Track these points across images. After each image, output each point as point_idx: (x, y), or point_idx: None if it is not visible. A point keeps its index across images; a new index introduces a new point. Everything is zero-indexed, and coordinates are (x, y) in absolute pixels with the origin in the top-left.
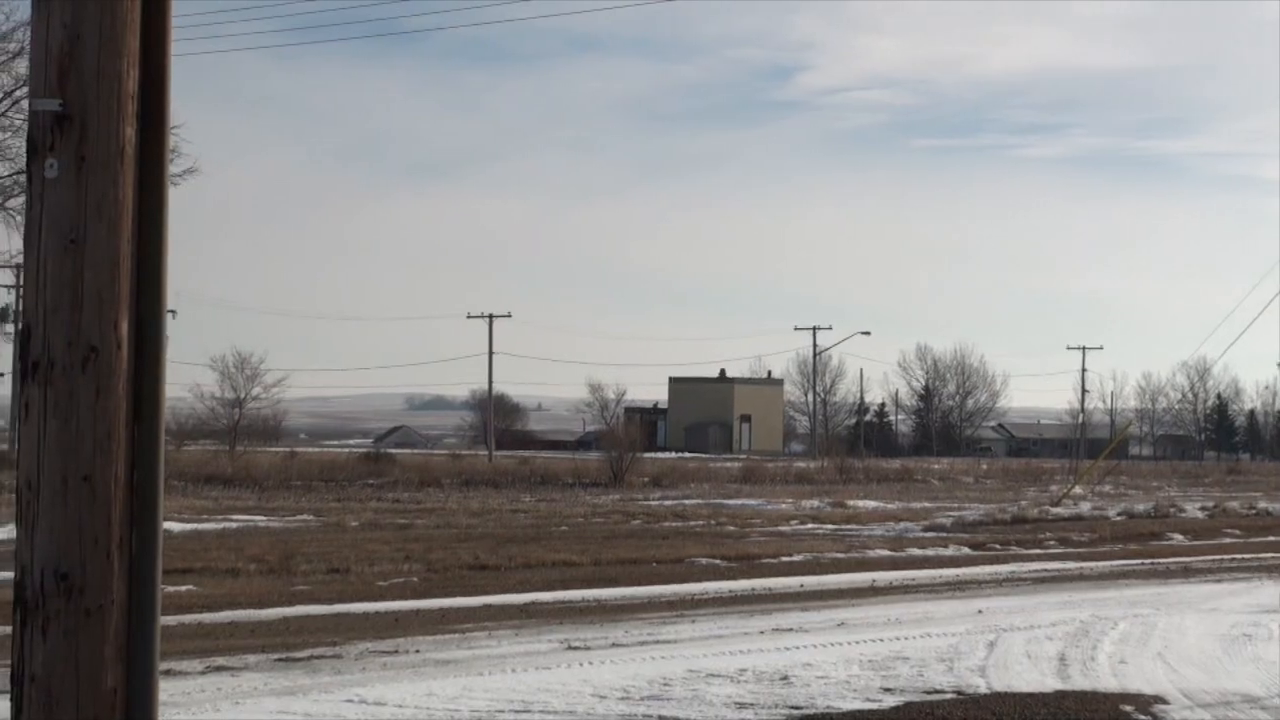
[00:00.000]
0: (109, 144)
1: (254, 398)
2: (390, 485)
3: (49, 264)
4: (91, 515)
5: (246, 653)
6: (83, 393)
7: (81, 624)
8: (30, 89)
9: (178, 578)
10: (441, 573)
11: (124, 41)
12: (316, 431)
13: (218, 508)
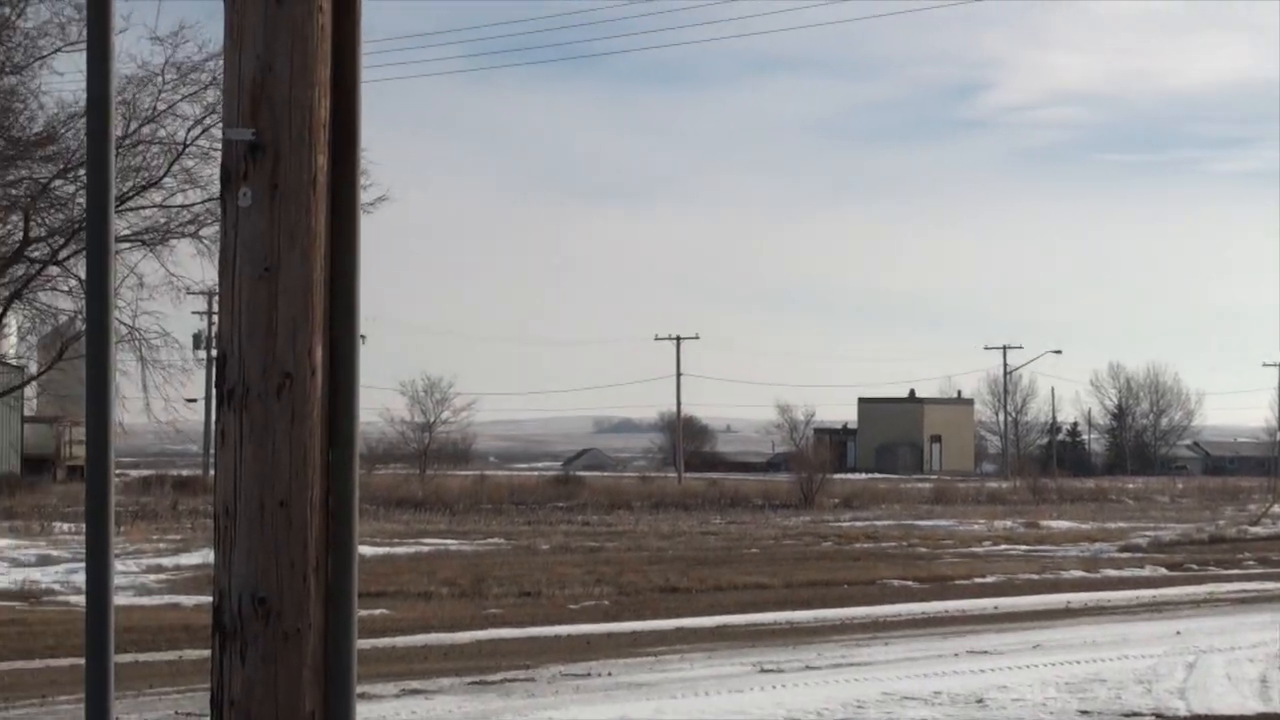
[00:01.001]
0: (301, 173)
1: (444, 422)
2: (580, 508)
3: (243, 292)
4: (288, 540)
5: (440, 676)
6: (278, 419)
7: (279, 648)
8: (224, 119)
9: (371, 601)
10: (632, 595)
11: (315, 71)
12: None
13: (409, 531)
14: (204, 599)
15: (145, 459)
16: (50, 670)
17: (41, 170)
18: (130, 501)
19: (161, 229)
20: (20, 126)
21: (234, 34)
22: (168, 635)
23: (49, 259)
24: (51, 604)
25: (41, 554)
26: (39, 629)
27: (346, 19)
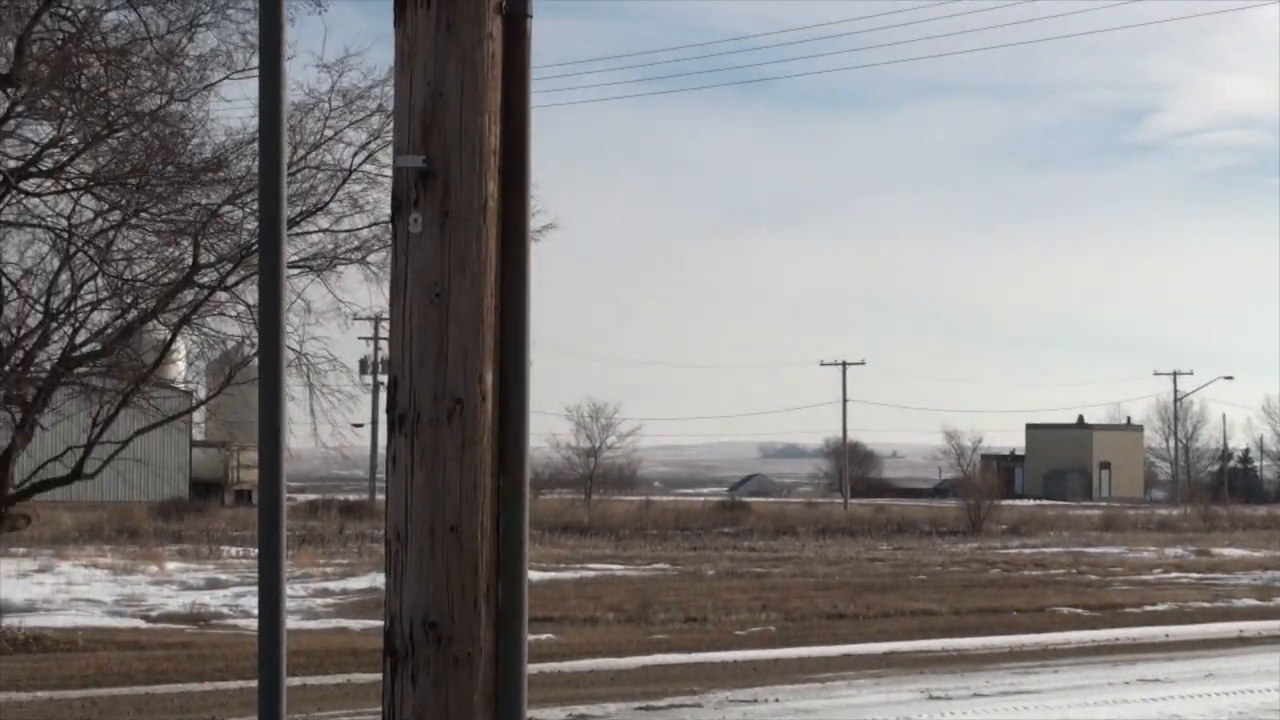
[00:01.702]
0: (472, 199)
1: (609, 447)
2: (745, 533)
3: (414, 318)
4: (459, 565)
5: (607, 701)
6: (448, 444)
7: (450, 672)
8: (395, 146)
9: (537, 626)
10: (799, 621)
11: (486, 98)
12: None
13: (575, 556)
14: (371, 623)
15: (311, 484)
16: (220, 693)
17: (210, 196)
18: (298, 526)
19: (328, 255)
20: (189, 153)
21: (405, 61)
22: (336, 659)
23: (217, 284)
24: (220, 627)
25: (210, 577)
26: (208, 652)
27: (516, 45)
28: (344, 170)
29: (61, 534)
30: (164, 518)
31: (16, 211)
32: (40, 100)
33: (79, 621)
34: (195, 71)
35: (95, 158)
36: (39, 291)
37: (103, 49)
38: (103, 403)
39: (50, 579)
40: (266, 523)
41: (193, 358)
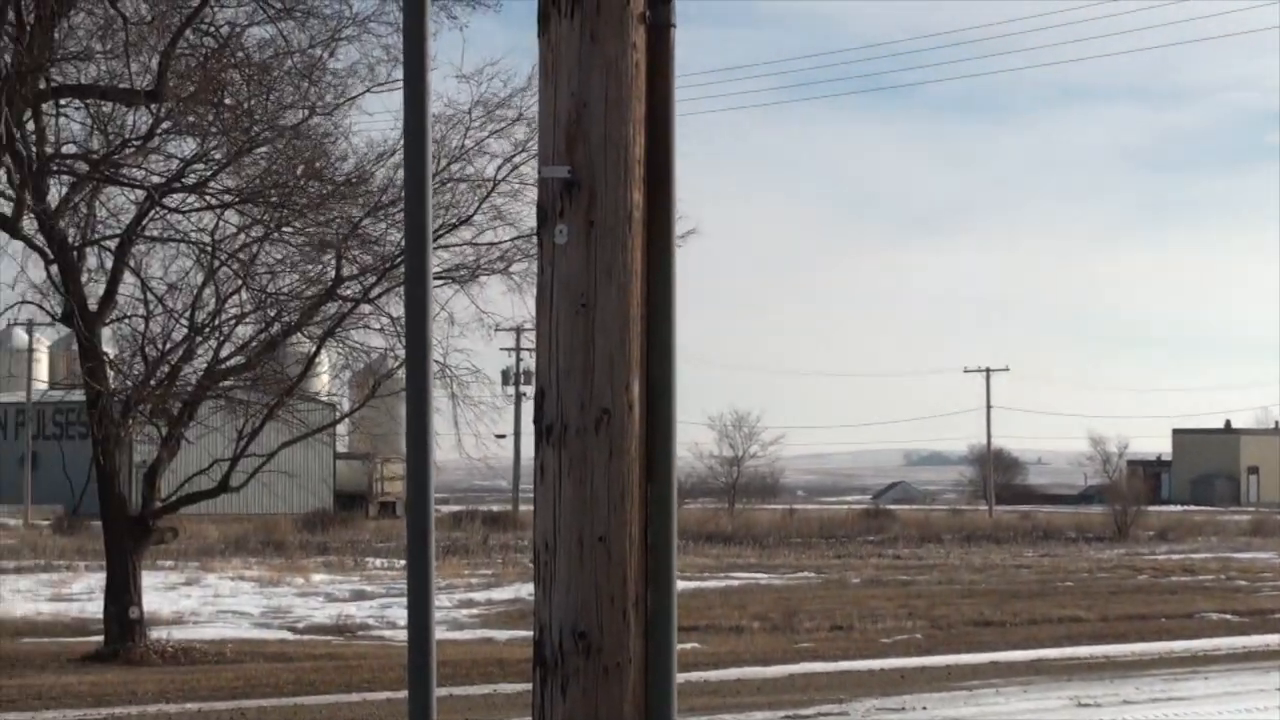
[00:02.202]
0: (617, 209)
1: (752, 456)
2: (890, 541)
3: (561, 328)
4: (608, 575)
5: (753, 710)
6: (596, 454)
7: (600, 682)
8: (540, 157)
9: (683, 635)
10: (945, 629)
11: (630, 108)
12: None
13: (719, 565)
14: (517, 633)
15: (455, 495)
16: (367, 704)
17: (353, 209)
18: (442, 537)
19: (471, 266)
20: (331, 167)
21: (548, 72)
22: (482, 669)
23: (361, 297)
24: (366, 638)
25: (356, 589)
26: (355, 663)
27: (660, 54)
28: (487, 182)
29: (208, 547)
30: (309, 530)
31: (161, 227)
32: (184, 116)
33: (226, 633)
34: (337, 85)
35: (238, 173)
36: (184, 306)
37: (245, 64)
38: (248, 416)
39: (197, 591)
40: (415, 534)
41: (336, 370)
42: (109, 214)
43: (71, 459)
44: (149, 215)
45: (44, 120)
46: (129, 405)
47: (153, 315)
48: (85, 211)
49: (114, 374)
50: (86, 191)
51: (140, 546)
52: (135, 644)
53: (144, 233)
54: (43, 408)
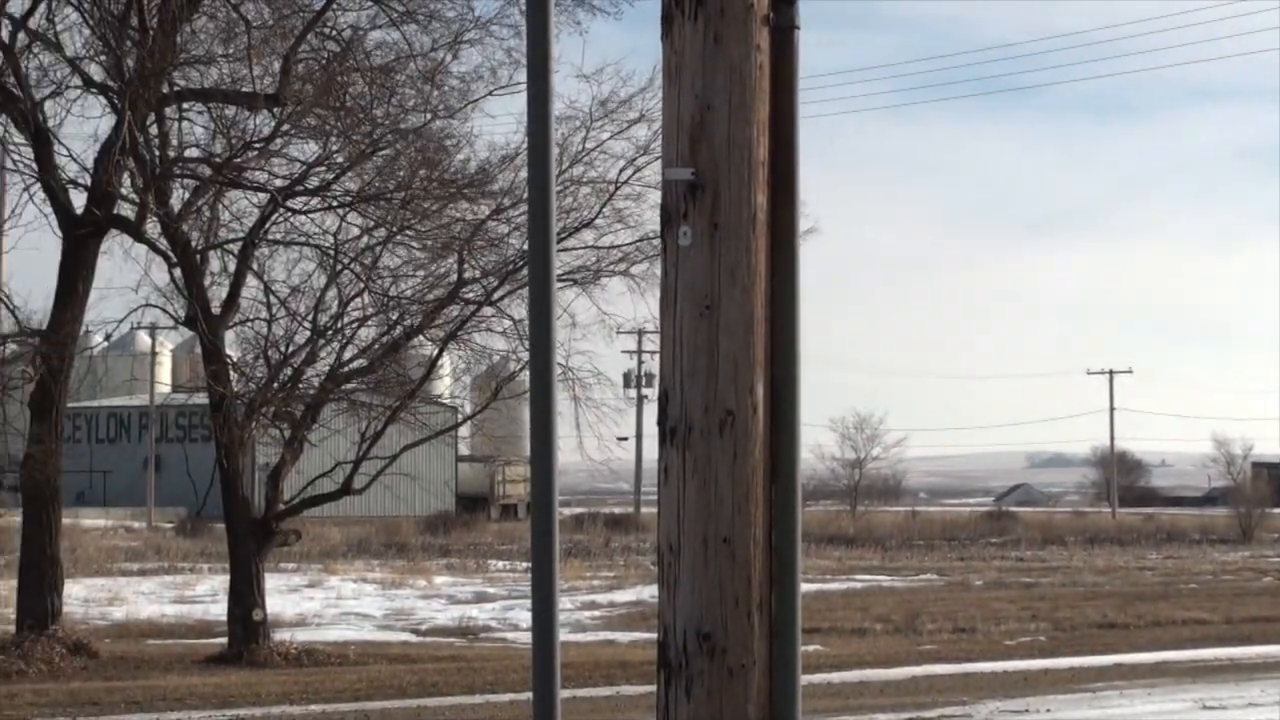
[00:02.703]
0: (741, 211)
1: (874, 458)
2: (1013, 543)
3: (684, 330)
4: (731, 576)
5: (876, 712)
6: (720, 456)
7: (724, 684)
8: (663, 159)
9: (805, 637)
10: (1068, 631)
11: (754, 109)
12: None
13: (841, 568)
14: (639, 635)
15: (577, 497)
16: (490, 705)
17: (475, 212)
18: (564, 539)
19: (593, 268)
20: (453, 170)
21: (672, 74)
22: (604, 671)
23: (483, 300)
24: (489, 640)
25: (478, 591)
26: (478, 665)
27: (784, 56)
28: (609, 184)
29: (330, 549)
30: (431, 532)
31: (284, 230)
32: (306, 119)
33: (349, 635)
34: (459, 89)
35: (360, 175)
36: (306, 309)
37: (367, 67)
38: (370, 419)
39: (320, 594)
40: (539, 536)
41: (458, 373)
42: (232, 217)
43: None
44: (271, 218)
45: (167, 124)
46: (252, 408)
47: (275, 318)
48: (208, 215)
49: (237, 377)
50: (209, 195)
51: (263, 549)
52: (259, 646)
53: (267, 236)
54: (165, 411)
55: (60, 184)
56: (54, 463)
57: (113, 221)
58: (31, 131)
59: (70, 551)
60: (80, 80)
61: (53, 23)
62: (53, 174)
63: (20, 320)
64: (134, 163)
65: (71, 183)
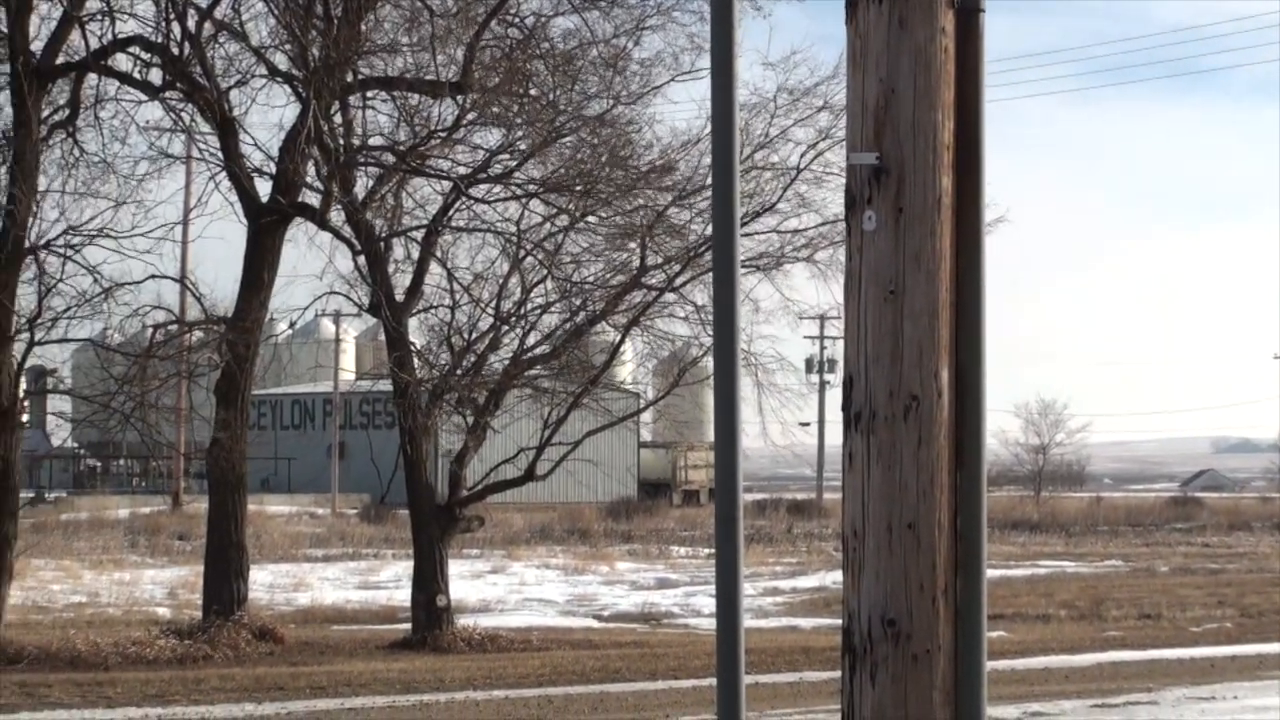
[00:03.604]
0: (925, 195)
1: (1058, 443)
2: (1199, 529)
3: (869, 315)
4: (916, 562)
5: (1061, 698)
6: (904, 441)
7: (909, 670)
8: (848, 143)
9: (990, 623)
10: (1255, 617)
11: (939, 93)
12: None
13: (1025, 553)
14: (821, 621)
15: (759, 483)
16: (672, 691)
17: (657, 199)
18: (747, 525)
19: (775, 254)
20: (636, 156)
21: (856, 59)
22: (787, 657)
23: (665, 286)
24: (671, 626)
25: (660, 577)
26: (660, 651)
27: (969, 40)
28: (791, 170)
29: (513, 535)
30: (613, 518)
31: (467, 217)
32: (489, 107)
33: (532, 621)
34: (641, 75)
35: (543, 163)
36: (489, 295)
37: (550, 55)
38: (553, 404)
39: (503, 579)
40: (724, 521)
41: (641, 358)
42: (415, 204)
43: (378, 448)
44: (455, 205)
45: (351, 113)
46: (435, 395)
47: (459, 305)
48: (392, 202)
49: (420, 364)
50: (393, 183)
51: (447, 535)
52: (442, 631)
53: (450, 223)
54: (349, 398)
55: (245, 172)
56: (239, 449)
57: (297, 209)
58: (217, 120)
59: (255, 538)
60: (265, 69)
61: (238, 12)
62: (238, 162)
63: (206, 308)
64: (318, 151)
65: (256, 171)
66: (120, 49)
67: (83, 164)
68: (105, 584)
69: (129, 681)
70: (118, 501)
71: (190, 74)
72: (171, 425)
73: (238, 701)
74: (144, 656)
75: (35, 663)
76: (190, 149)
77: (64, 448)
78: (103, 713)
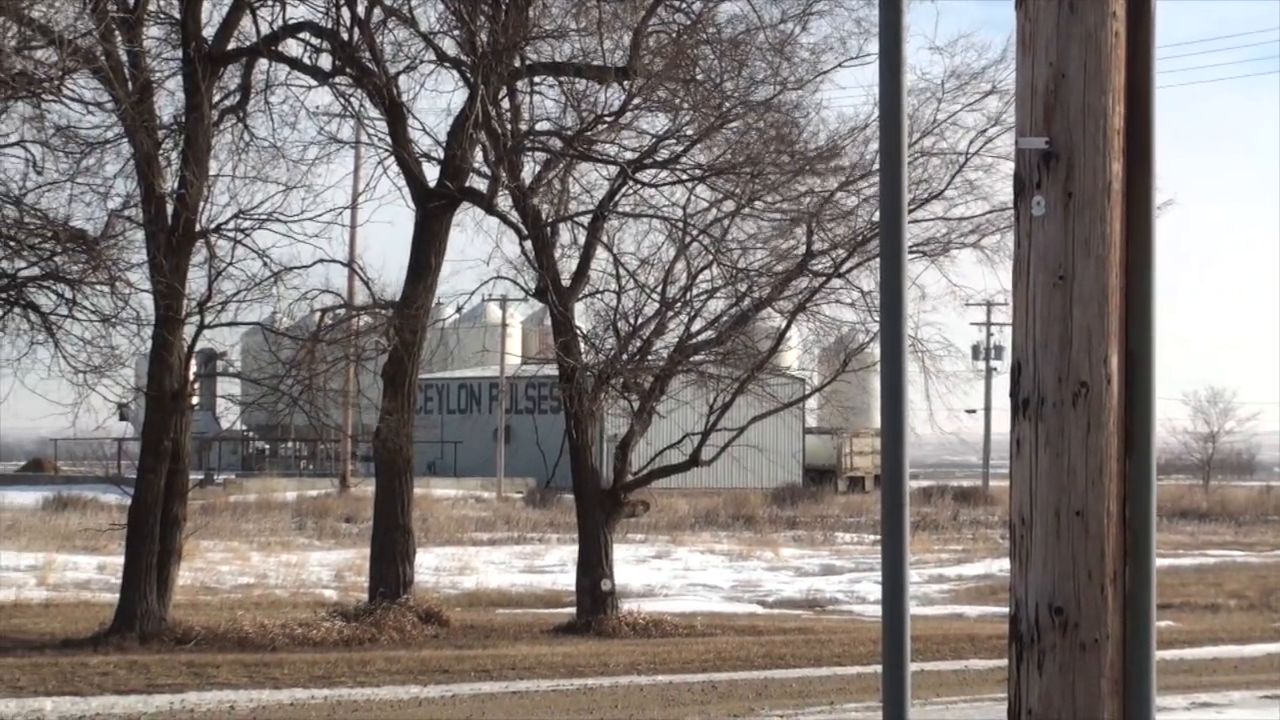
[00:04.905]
0: (1095, 180)
1: (1227, 432)
2: None
3: (1037, 301)
4: (1084, 550)
5: (1230, 689)
6: (1073, 428)
7: (1077, 659)
8: (1016, 128)
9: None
10: None
11: (1109, 78)
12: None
13: (1193, 542)
14: (987, 609)
15: (924, 469)
16: (837, 678)
17: (824, 184)
18: (913, 512)
19: (942, 240)
20: (803, 142)
21: (1025, 43)
22: (952, 645)
23: (832, 272)
24: (836, 613)
25: (825, 564)
26: (825, 637)
27: (1140, 24)
28: (959, 155)
29: (677, 520)
30: (778, 504)
31: (633, 202)
32: (655, 92)
33: (696, 607)
34: (809, 60)
35: (710, 148)
36: (655, 280)
37: (716, 40)
38: (718, 390)
39: (667, 565)
40: (890, 508)
41: (806, 345)
42: (582, 190)
43: (544, 433)
44: (621, 190)
45: (518, 98)
46: (601, 380)
47: (625, 290)
48: (559, 187)
49: (586, 348)
50: (560, 168)
51: (612, 520)
52: (607, 616)
53: (616, 208)
54: (515, 382)
55: (413, 157)
56: (406, 433)
57: (465, 194)
58: (386, 106)
59: (422, 521)
60: (434, 55)
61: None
62: (406, 148)
63: (374, 292)
64: (486, 136)
65: (424, 156)
66: (290, 34)
67: (253, 149)
68: (273, 566)
69: (295, 663)
70: (285, 484)
71: (359, 59)
72: (339, 409)
73: (403, 684)
74: (310, 638)
75: (203, 643)
76: (359, 134)
77: (233, 430)
78: (269, 693)
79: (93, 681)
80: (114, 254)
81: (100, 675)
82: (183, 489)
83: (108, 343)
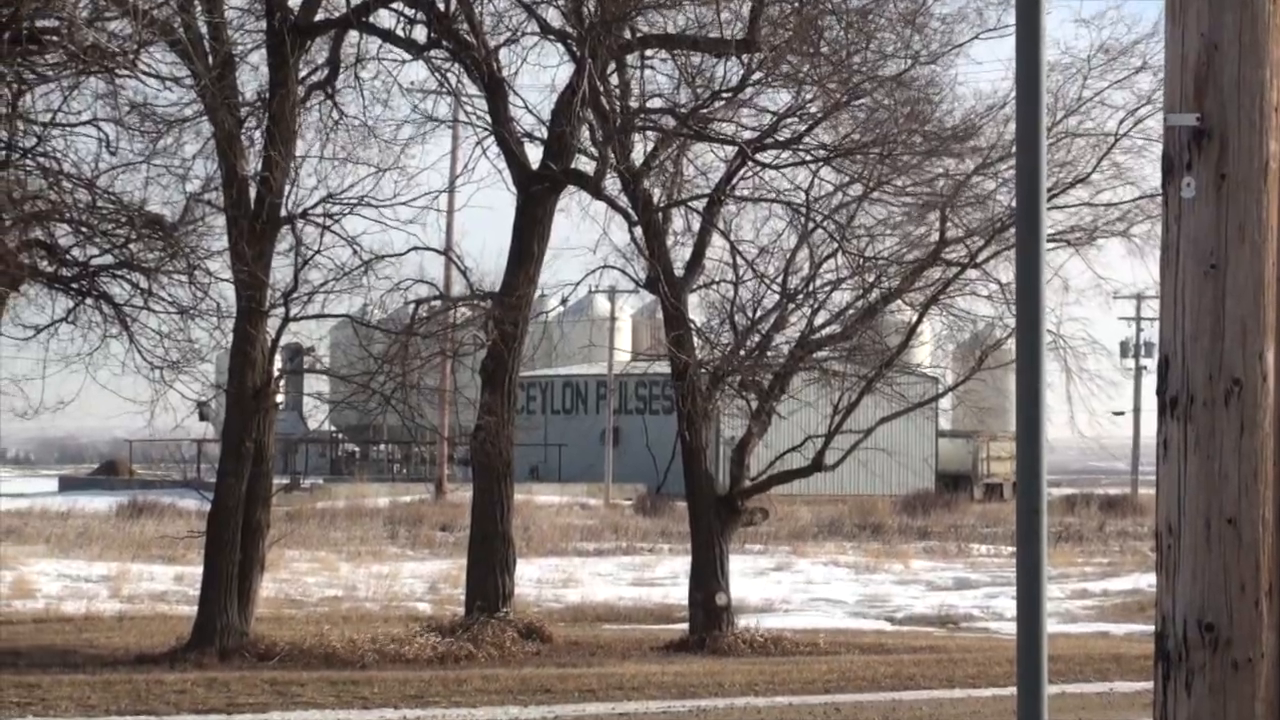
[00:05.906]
0: (1251, 161)
1: None
2: None
3: (1186, 291)
4: (1237, 561)
5: None
6: (1225, 429)
7: (1228, 678)
8: (1165, 104)
9: None
10: None
11: (1266, 50)
12: None
13: None
14: (1135, 627)
15: (1068, 476)
16: (971, 700)
17: (959, 166)
18: (1054, 522)
19: (1087, 228)
20: (936, 120)
21: (1176, 13)
22: (1096, 665)
23: (967, 261)
24: (970, 630)
25: (959, 577)
26: (958, 656)
27: None
28: (1107, 137)
29: (799, 529)
30: (908, 512)
31: (752, 185)
32: (777, 66)
33: (819, 623)
34: (942, 32)
35: (835, 127)
36: (776, 270)
37: (843, 10)
38: (843, 389)
39: (788, 577)
40: (1026, 519)
41: (939, 340)
42: (697, 172)
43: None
44: (739, 173)
45: (628, 73)
46: (717, 377)
47: (742, 280)
48: (671, 169)
49: (701, 344)
50: (673, 148)
51: (728, 528)
52: (722, 632)
53: (734, 192)
54: (624, 380)
55: (515, 137)
56: (506, 434)
57: (570, 177)
58: (485, 81)
59: (523, 529)
60: (537, 26)
61: None
62: (507, 126)
63: (471, 282)
64: (593, 114)
65: (527, 136)
66: (383, 4)
67: (342, 128)
68: (363, 577)
69: (386, 681)
70: (377, 489)
71: (457, 31)
72: (434, 408)
73: (501, 704)
74: (403, 655)
75: (287, 659)
76: (456, 112)
77: (321, 431)
78: (358, 714)
79: (169, 700)
80: (193, 241)
81: (177, 694)
82: (266, 494)
83: (186, 336)
